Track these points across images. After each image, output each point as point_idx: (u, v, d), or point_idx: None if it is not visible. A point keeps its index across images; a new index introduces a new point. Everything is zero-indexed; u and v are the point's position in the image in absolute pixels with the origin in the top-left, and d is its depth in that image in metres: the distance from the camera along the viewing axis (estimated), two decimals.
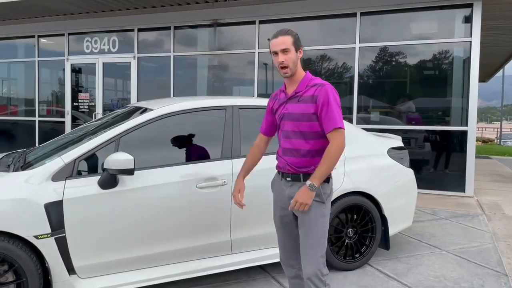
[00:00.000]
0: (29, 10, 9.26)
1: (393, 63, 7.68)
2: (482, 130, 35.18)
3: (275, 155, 2.65)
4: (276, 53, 2.44)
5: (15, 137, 10.92)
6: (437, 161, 7.38)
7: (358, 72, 7.68)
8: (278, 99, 2.60)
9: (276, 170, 2.65)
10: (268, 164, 3.52)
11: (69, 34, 10.04)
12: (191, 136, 3.52)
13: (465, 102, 7.06)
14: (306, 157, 2.44)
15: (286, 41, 2.41)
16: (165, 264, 3.18)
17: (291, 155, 2.48)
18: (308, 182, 2.32)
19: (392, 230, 4.01)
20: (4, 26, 10.59)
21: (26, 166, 3.06)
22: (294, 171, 2.47)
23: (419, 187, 4.53)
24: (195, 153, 3.44)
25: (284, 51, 2.41)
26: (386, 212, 3.90)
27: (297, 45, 2.45)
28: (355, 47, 7.64)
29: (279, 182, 2.60)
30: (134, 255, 3.04)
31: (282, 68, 2.43)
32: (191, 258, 3.26)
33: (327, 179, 2.46)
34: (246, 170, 2.80)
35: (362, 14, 7.50)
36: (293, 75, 2.46)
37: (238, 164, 3.39)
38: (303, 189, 2.34)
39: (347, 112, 7.68)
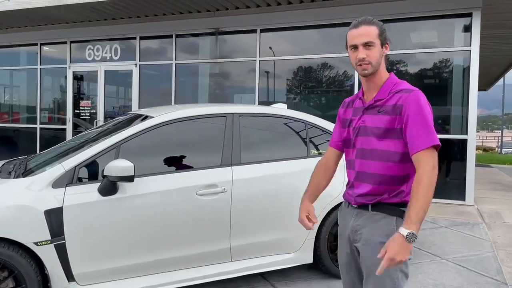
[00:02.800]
0: (32, 19, 9.34)
1: (394, 71, 7.69)
2: (483, 139, 35.16)
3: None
4: (355, 47, 1.90)
5: (16, 144, 10.96)
6: (437, 169, 7.37)
7: (359, 80, 7.71)
8: (354, 107, 2.07)
9: (343, 199, 2.13)
10: (268, 171, 3.54)
11: (72, 42, 10.11)
12: (191, 143, 3.54)
13: (465, 111, 7.08)
14: (382, 184, 1.89)
15: (370, 32, 1.89)
16: (165, 271, 3.18)
17: (366, 180, 1.93)
18: (404, 231, 1.67)
19: None
20: (7, 34, 10.67)
21: (27, 173, 3.08)
22: (364, 201, 1.93)
23: None
24: (195, 160, 3.45)
25: (367, 45, 1.88)
26: None
27: (384, 38, 1.92)
28: None
29: (345, 211, 2.09)
30: (134, 262, 3.05)
31: (362, 65, 1.90)
32: (191, 266, 3.26)
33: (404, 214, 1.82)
34: (311, 194, 2.24)
35: None
36: (373, 76, 1.94)
37: (237, 171, 3.41)
38: (397, 239, 1.68)
39: None
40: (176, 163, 3.37)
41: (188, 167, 3.35)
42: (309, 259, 3.71)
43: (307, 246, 3.67)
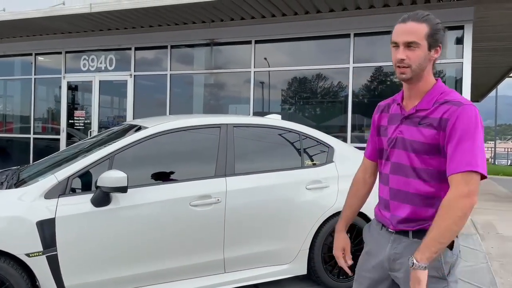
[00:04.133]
0: (27, 29, 9.35)
1: (388, 82, 7.78)
2: None
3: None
4: (396, 44, 1.67)
5: (9, 154, 10.88)
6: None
7: (353, 91, 7.76)
8: (390, 113, 1.81)
9: (376, 219, 1.88)
10: (262, 182, 3.54)
11: (66, 52, 10.11)
12: (185, 154, 3.54)
13: None
14: (423, 206, 1.67)
15: (418, 30, 1.63)
16: (158, 283, 3.15)
17: (401, 199, 1.71)
18: (411, 259, 1.55)
19: None
20: (2, 44, 10.66)
21: (19, 183, 3.06)
22: (404, 228, 1.71)
23: None
24: (189, 171, 3.45)
25: (410, 45, 1.63)
26: None
27: (434, 40, 1.66)
28: (349, 67, 7.73)
29: (377, 232, 1.84)
30: (127, 274, 3.02)
31: (400, 68, 1.66)
32: (184, 277, 3.24)
33: (451, 243, 1.64)
34: (347, 220, 2.03)
35: (355, 35, 7.62)
36: (416, 81, 1.68)
37: (232, 182, 3.41)
38: (411, 275, 1.56)
39: (341, 131, 7.73)
40: (170, 174, 3.37)
41: (182, 178, 3.35)
42: (303, 271, 3.70)
43: (301, 257, 3.66)
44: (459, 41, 7.12)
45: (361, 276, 1.88)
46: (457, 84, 7.20)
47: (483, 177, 1.54)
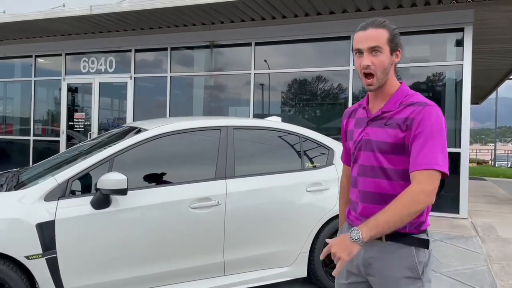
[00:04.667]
0: (27, 31, 9.36)
1: None
2: (476, 152, 35.37)
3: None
4: (360, 51, 1.68)
5: (9, 156, 10.88)
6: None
7: (353, 93, 7.76)
8: (356, 117, 1.84)
9: (348, 223, 1.87)
10: (262, 184, 3.54)
11: (67, 54, 10.12)
12: (185, 156, 3.53)
13: (458, 124, 7.13)
14: None
15: (379, 36, 1.66)
16: (157, 285, 3.14)
17: (370, 201, 1.72)
18: (354, 229, 1.56)
19: None
20: (2, 46, 10.67)
21: (19, 185, 3.05)
22: None
23: None
24: (189, 173, 3.44)
25: (373, 50, 1.66)
26: None
27: (394, 44, 1.69)
28: (349, 69, 7.74)
29: None
30: (126, 276, 3.01)
31: (366, 75, 1.69)
32: (184, 280, 3.23)
33: (425, 243, 1.67)
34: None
35: None
36: (381, 87, 1.71)
37: (231, 184, 3.40)
38: (343, 236, 1.60)
39: (340, 133, 7.72)
40: (170, 176, 3.36)
41: (182, 180, 3.34)
42: (303, 273, 3.69)
43: (301, 260, 3.65)
44: (459, 43, 7.13)
45: (339, 284, 1.87)
46: (457, 87, 7.21)
47: (444, 175, 1.58)
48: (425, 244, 1.66)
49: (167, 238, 3.12)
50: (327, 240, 1.64)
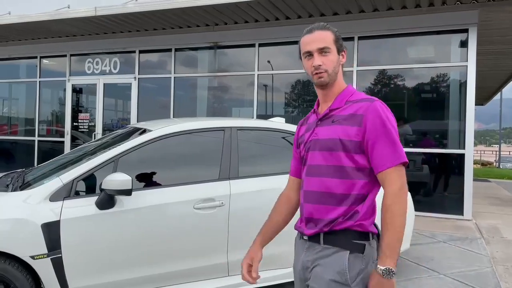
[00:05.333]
0: (33, 32, 9.41)
1: (391, 86, 7.77)
2: (481, 153, 35.23)
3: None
4: (309, 53, 1.72)
5: (14, 156, 10.93)
6: (435, 183, 7.38)
7: None
8: (308, 123, 1.86)
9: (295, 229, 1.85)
10: (266, 185, 3.54)
11: (71, 55, 10.17)
12: (190, 157, 3.55)
13: (462, 125, 7.12)
14: (333, 204, 1.65)
15: (325, 37, 1.72)
16: (162, 285, 3.15)
17: (316, 200, 1.69)
18: (380, 268, 1.51)
19: None
20: (7, 47, 10.73)
21: (24, 186, 3.07)
22: (315, 230, 1.68)
23: (416, 209, 4.53)
24: (193, 174, 3.45)
25: (323, 51, 1.70)
26: None
27: (340, 45, 1.75)
28: (353, 70, 7.73)
29: (297, 242, 1.83)
30: (130, 276, 3.03)
31: (318, 73, 1.71)
32: (188, 280, 3.24)
33: (361, 248, 1.62)
34: (266, 235, 1.98)
35: (359, 38, 7.62)
36: (331, 86, 1.74)
37: (235, 185, 3.41)
38: (374, 278, 1.54)
39: None
40: (174, 177, 3.37)
41: (186, 181, 3.35)
42: None
43: None
44: (464, 44, 7.11)
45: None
46: (462, 88, 7.19)
47: (405, 163, 1.62)
48: (360, 249, 1.61)
49: (171, 238, 3.13)
50: None
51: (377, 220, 1.64)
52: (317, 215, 1.67)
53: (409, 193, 3.70)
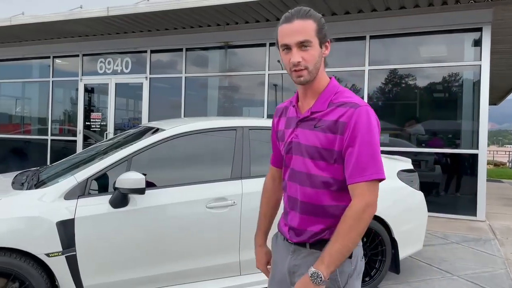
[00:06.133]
0: (46, 32, 9.51)
1: (403, 85, 7.71)
2: (493, 154, 34.78)
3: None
4: (287, 47, 1.52)
5: (27, 155, 11.07)
6: (448, 184, 7.32)
7: (368, 94, 7.72)
8: (287, 116, 1.71)
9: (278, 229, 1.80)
10: None
11: (84, 55, 10.27)
12: (202, 156, 3.56)
13: (476, 125, 7.04)
14: (317, 216, 1.57)
15: (306, 28, 1.50)
16: (174, 284, 3.17)
17: (298, 208, 1.61)
18: (312, 270, 1.44)
19: (402, 254, 3.97)
20: (21, 47, 10.86)
21: (39, 184, 3.11)
22: (301, 239, 1.61)
23: (429, 210, 4.49)
24: (205, 173, 3.46)
25: (303, 45, 1.50)
26: (396, 235, 3.87)
27: (323, 35, 1.54)
28: (364, 69, 7.69)
29: (281, 242, 1.74)
30: (143, 275, 3.05)
31: (297, 71, 1.53)
32: (200, 279, 3.25)
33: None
34: (265, 229, 1.92)
35: (371, 37, 7.58)
36: (311, 83, 1.57)
37: (247, 184, 3.41)
38: (304, 280, 1.47)
39: None
40: (186, 176, 3.38)
41: (198, 180, 3.36)
42: None
43: None
44: (477, 43, 7.04)
45: (270, 284, 1.80)
46: (475, 87, 7.11)
47: (381, 180, 1.50)
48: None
49: (183, 237, 3.15)
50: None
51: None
52: (303, 226, 1.59)
53: (421, 193, 3.67)
